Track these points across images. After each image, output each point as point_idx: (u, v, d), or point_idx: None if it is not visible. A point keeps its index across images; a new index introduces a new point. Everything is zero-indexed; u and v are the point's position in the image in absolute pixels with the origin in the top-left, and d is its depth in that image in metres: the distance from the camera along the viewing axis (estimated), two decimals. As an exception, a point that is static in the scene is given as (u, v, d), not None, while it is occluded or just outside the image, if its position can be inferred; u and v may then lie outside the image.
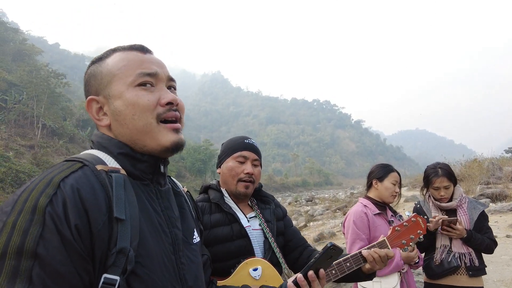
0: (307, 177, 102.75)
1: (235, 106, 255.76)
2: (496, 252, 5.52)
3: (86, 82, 0.86)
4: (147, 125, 0.80)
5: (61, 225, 0.63)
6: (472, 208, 2.43)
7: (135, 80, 0.81)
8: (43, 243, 0.61)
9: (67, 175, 0.68)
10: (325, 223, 14.03)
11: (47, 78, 42.56)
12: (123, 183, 0.74)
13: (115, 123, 0.81)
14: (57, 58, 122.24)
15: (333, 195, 35.28)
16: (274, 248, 1.50)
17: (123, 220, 0.70)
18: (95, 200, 0.68)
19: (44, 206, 0.63)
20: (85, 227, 0.65)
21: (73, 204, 0.65)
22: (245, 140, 1.60)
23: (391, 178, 2.29)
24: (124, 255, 0.67)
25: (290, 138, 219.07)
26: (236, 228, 1.48)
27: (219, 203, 1.53)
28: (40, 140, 38.90)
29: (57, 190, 0.65)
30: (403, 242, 1.55)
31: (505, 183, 12.65)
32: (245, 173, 1.53)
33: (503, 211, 9.33)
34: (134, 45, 0.87)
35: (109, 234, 0.68)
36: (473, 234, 2.33)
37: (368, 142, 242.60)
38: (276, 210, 1.68)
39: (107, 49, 0.88)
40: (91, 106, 0.84)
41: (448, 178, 2.39)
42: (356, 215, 2.24)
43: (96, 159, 0.77)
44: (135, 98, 0.80)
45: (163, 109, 0.82)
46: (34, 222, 0.61)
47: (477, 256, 2.35)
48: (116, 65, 0.83)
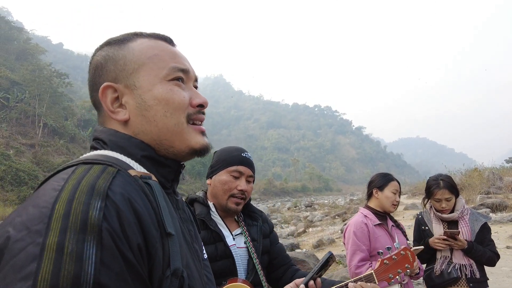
0: (307, 182, 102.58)
1: (236, 109, 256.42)
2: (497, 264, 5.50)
3: (100, 65, 0.71)
4: (178, 125, 0.70)
5: (123, 246, 0.50)
6: (474, 220, 2.42)
7: (169, 74, 0.71)
8: (105, 270, 0.47)
9: (110, 181, 0.54)
10: (324, 229, 13.98)
11: (49, 77, 42.72)
12: (162, 192, 0.62)
13: (140, 118, 0.68)
14: (60, 58, 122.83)
15: (333, 201, 35.24)
16: (257, 269, 1.46)
17: (173, 235, 0.58)
18: (147, 213, 0.56)
19: (99, 221, 0.48)
20: (144, 246, 0.53)
21: (130, 218, 0.52)
22: (242, 154, 1.53)
23: (391, 187, 2.29)
24: (177, 278, 0.56)
25: (290, 143, 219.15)
26: (221, 247, 1.42)
27: (205, 220, 1.46)
28: (41, 139, 38.96)
29: (106, 201, 0.51)
30: (390, 276, 1.52)
31: (506, 194, 12.64)
32: (239, 190, 1.47)
33: (503, 221, 9.29)
34: (159, 34, 0.76)
35: (162, 254, 0.56)
36: (474, 245, 2.32)
37: (368, 148, 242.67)
38: (263, 226, 1.63)
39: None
40: (106, 94, 0.69)
41: (450, 190, 2.39)
42: (356, 226, 2.23)
43: (121, 162, 0.63)
44: (170, 94, 0.69)
45: (193, 110, 0.73)
46: (88, 242, 0.47)
47: (478, 268, 2.33)
48: (146, 52, 0.71)
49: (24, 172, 27.64)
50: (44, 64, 45.33)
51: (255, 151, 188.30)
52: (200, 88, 0.74)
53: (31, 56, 51.69)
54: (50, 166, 32.56)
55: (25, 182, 26.97)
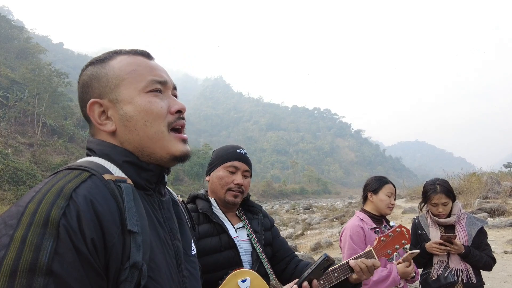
0: (306, 185, 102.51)
1: (236, 111, 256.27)
2: (494, 268, 5.49)
3: (86, 83, 0.80)
4: (158, 133, 0.78)
5: (77, 239, 0.58)
6: (471, 224, 2.43)
7: (147, 86, 0.79)
8: (58, 259, 0.56)
9: (78, 185, 0.64)
10: (322, 232, 13.97)
11: (49, 77, 42.69)
12: (132, 193, 0.71)
13: (123, 128, 0.77)
14: (60, 57, 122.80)
15: (331, 204, 35.24)
16: (262, 259, 1.50)
17: (136, 232, 0.66)
18: (109, 212, 0.64)
19: (58, 218, 0.58)
20: (100, 241, 0.62)
21: (87, 216, 0.61)
22: (237, 150, 1.60)
23: (385, 190, 2.30)
24: (137, 270, 0.64)
25: (289, 145, 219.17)
26: (225, 239, 1.47)
27: (207, 213, 1.51)
28: (39, 138, 38.90)
29: (69, 202, 0.60)
30: (388, 252, 1.62)
31: (504, 198, 12.65)
32: (235, 184, 1.53)
33: (501, 226, 9.30)
34: (137, 50, 0.84)
35: (122, 248, 0.64)
36: (471, 250, 2.32)
37: (367, 152, 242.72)
38: (264, 220, 1.68)
39: (109, 50, 0.85)
40: (93, 109, 0.78)
41: (447, 195, 2.39)
42: (352, 230, 2.24)
43: (101, 167, 0.72)
44: (149, 105, 0.77)
45: (173, 117, 0.80)
46: (47, 236, 0.56)
47: (475, 273, 2.34)
48: (125, 68, 0.79)
49: (22, 172, 27.55)
50: (44, 64, 45.33)
51: (254, 153, 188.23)
52: (200, 89, 0.77)
53: (31, 55, 51.71)
54: (49, 166, 32.48)
55: (23, 182, 26.89)
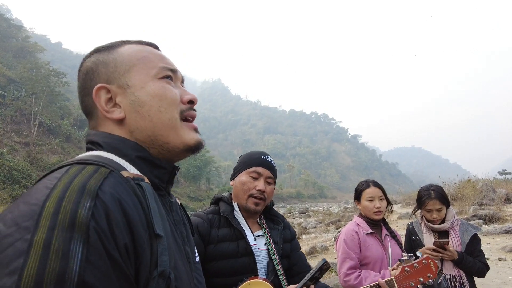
0: (302, 189, 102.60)
1: (233, 114, 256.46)
2: (488, 275, 5.50)
3: (91, 69, 0.73)
4: (172, 120, 0.72)
5: (109, 244, 0.51)
6: (464, 230, 2.43)
7: (159, 73, 0.74)
8: (90, 267, 0.48)
9: (101, 182, 0.55)
10: (318, 237, 13.96)
11: (47, 76, 42.63)
12: (153, 193, 0.64)
13: (135, 115, 0.70)
14: (58, 57, 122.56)
15: (327, 209, 35.17)
16: (278, 270, 1.48)
17: (162, 237, 0.59)
18: (137, 213, 0.57)
19: (87, 220, 0.49)
20: (131, 246, 0.54)
21: (118, 218, 0.53)
22: (262, 156, 1.59)
23: (365, 196, 2.27)
24: (164, 279, 0.57)
25: (286, 149, 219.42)
26: (242, 245, 1.46)
27: (228, 217, 1.51)
28: (35, 138, 38.70)
29: (96, 201, 0.52)
30: (411, 283, 1.53)
31: (498, 205, 12.71)
32: (257, 190, 1.51)
33: (495, 233, 9.33)
34: (145, 41, 0.81)
35: (150, 254, 0.57)
36: (464, 256, 2.32)
37: (364, 157, 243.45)
38: (285, 231, 1.65)
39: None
40: (100, 95, 0.71)
41: (441, 201, 2.39)
42: (347, 234, 2.24)
43: (114, 163, 0.64)
44: (163, 90, 0.72)
45: (185, 106, 0.76)
46: (76, 240, 0.48)
47: (468, 279, 2.33)
48: (135, 55, 0.74)
49: (17, 171, 27.39)
50: (42, 63, 45.28)
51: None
52: (198, 92, 0.75)
53: (29, 54, 51.60)
54: (44, 165, 32.30)
55: (17, 181, 26.72)
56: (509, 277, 5.63)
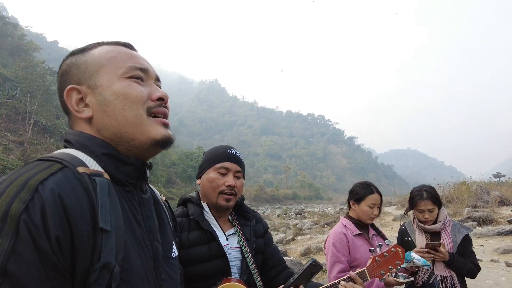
0: (298, 190, 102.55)
1: (230, 115, 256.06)
2: (481, 277, 5.55)
3: (65, 72, 0.78)
4: (137, 117, 0.74)
5: (39, 236, 0.53)
6: (456, 231, 2.43)
7: (126, 72, 0.76)
8: (15, 258, 0.50)
9: (46, 177, 0.58)
10: (313, 238, 13.96)
11: (42, 75, 42.32)
12: (108, 189, 0.65)
13: (101, 114, 0.74)
14: (55, 56, 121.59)
15: (323, 210, 35.21)
16: (251, 269, 1.45)
17: (108, 231, 0.61)
18: (79, 208, 0.59)
19: (18, 213, 0.52)
20: (66, 238, 0.56)
21: (53, 211, 0.55)
22: (227, 151, 1.53)
23: (368, 201, 2.24)
24: (108, 271, 0.59)
25: (283, 150, 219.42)
26: (214, 247, 1.42)
27: (198, 220, 1.45)
28: (30, 137, 38.41)
29: (34, 195, 0.55)
30: (381, 272, 1.59)
31: (492, 208, 12.80)
32: (227, 186, 1.46)
33: (489, 235, 9.40)
34: (120, 41, 0.83)
35: (92, 247, 0.59)
36: (455, 257, 2.33)
37: (359, 158, 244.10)
38: (257, 226, 1.62)
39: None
40: (71, 96, 0.75)
41: (433, 201, 2.39)
42: (335, 237, 2.21)
43: (76, 159, 0.67)
44: (127, 89, 0.74)
45: (153, 103, 0.77)
46: (5, 232, 0.51)
47: (459, 280, 2.34)
48: (104, 55, 0.77)
49: (11, 170, 27.09)
50: (37, 61, 44.93)
51: (247, 157, 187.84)
52: (195, 92, 0.76)
53: (25, 52, 51.17)
54: (39, 165, 32.05)
55: (12, 180, 26.50)
56: (501, 278, 5.67)
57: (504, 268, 6.27)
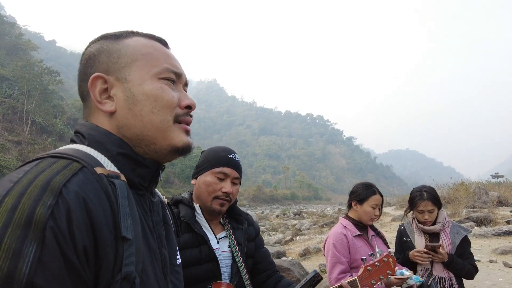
0: (297, 190, 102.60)
1: (229, 114, 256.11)
2: (479, 277, 5.53)
3: (93, 55, 0.71)
4: (164, 122, 0.69)
5: (66, 246, 0.48)
6: (455, 232, 2.42)
7: (161, 73, 0.71)
8: (42, 269, 0.45)
9: (68, 178, 0.52)
10: (312, 238, 13.95)
11: (40, 74, 42.25)
12: (127, 193, 0.60)
13: (126, 111, 0.68)
14: (52, 55, 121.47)
15: (321, 210, 35.25)
16: (242, 273, 1.44)
17: (130, 240, 0.56)
18: (103, 214, 0.54)
19: (45, 219, 0.46)
20: (92, 248, 0.51)
21: (79, 218, 0.50)
22: (228, 155, 1.49)
23: (371, 202, 2.22)
24: (129, 283, 0.54)
25: (282, 150, 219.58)
26: (205, 251, 1.40)
27: (189, 222, 1.43)
28: (28, 136, 38.29)
29: (58, 199, 0.49)
30: (372, 282, 1.59)
31: (491, 208, 12.83)
32: (223, 192, 1.44)
33: (487, 235, 9.40)
34: (155, 36, 0.77)
35: (114, 257, 0.54)
36: (454, 258, 2.31)
37: (358, 159, 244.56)
38: (249, 229, 1.60)
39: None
40: (95, 84, 0.68)
41: (433, 202, 2.38)
42: (335, 238, 2.19)
43: (91, 158, 0.60)
44: (160, 91, 0.69)
45: (182, 111, 0.73)
46: (29, 240, 0.45)
47: (457, 281, 2.33)
48: (140, 49, 0.71)
49: (8, 170, 27.03)
50: (35, 61, 44.81)
51: (246, 157, 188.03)
52: (194, 92, 0.74)
53: (23, 52, 50.99)
54: (36, 164, 31.95)
55: (9, 180, 26.40)
56: (499, 279, 5.66)
57: (502, 269, 6.27)
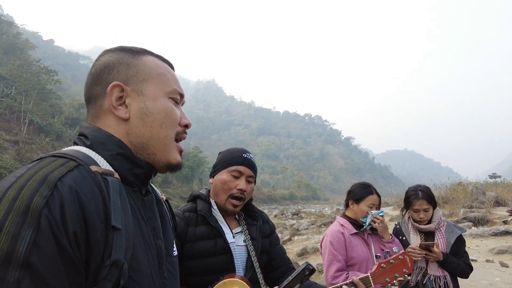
0: (295, 190, 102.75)
1: (227, 115, 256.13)
2: (476, 277, 5.54)
3: (113, 64, 0.79)
4: (168, 137, 0.80)
5: (59, 232, 0.55)
6: (450, 231, 2.43)
7: (171, 93, 0.82)
8: (36, 250, 0.53)
9: (64, 174, 0.60)
10: (310, 238, 13.96)
11: (38, 73, 42.04)
12: (119, 188, 0.68)
13: (138, 120, 0.77)
14: (50, 55, 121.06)
15: (319, 210, 35.29)
16: (256, 268, 1.47)
17: (119, 229, 0.63)
18: (94, 205, 0.61)
19: (40, 207, 0.55)
20: (83, 235, 0.58)
21: (72, 208, 0.57)
22: (243, 154, 1.56)
23: (367, 201, 2.23)
24: (117, 268, 0.61)
25: (280, 150, 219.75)
26: (220, 243, 1.44)
27: (205, 216, 1.48)
28: (25, 136, 38.13)
29: (53, 191, 0.57)
30: (387, 280, 1.53)
31: (488, 208, 12.87)
32: (238, 189, 1.49)
33: (484, 235, 9.42)
34: (165, 58, 0.88)
35: (104, 245, 0.61)
36: (449, 257, 2.32)
37: (356, 159, 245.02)
38: (263, 226, 1.64)
39: (103, 49, 0.84)
40: (113, 91, 0.77)
41: (428, 201, 2.40)
42: (333, 236, 2.20)
43: (88, 158, 0.69)
44: (170, 109, 0.80)
45: (181, 129, 0.83)
46: (26, 225, 0.53)
47: (452, 280, 2.34)
48: (156, 69, 0.82)
49: (5, 169, 26.91)
50: (33, 60, 44.60)
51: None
52: (192, 92, 0.81)
53: (20, 51, 50.74)
54: (34, 164, 31.82)
55: (6, 179, 26.28)
56: (496, 278, 5.67)
57: (499, 268, 6.28)
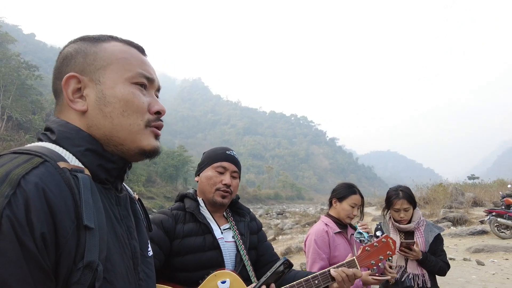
0: (280, 190, 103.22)
1: (213, 114, 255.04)
2: (453, 274, 5.69)
3: (70, 55, 0.74)
4: (133, 125, 0.72)
5: (23, 234, 0.50)
6: (429, 231, 2.50)
7: (133, 77, 0.74)
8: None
9: (28, 171, 0.54)
10: (294, 238, 14.06)
11: (17, 68, 40.78)
12: (90, 185, 0.63)
13: (97, 111, 0.71)
14: (31, 49, 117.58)
15: (304, 210, 35.56)
16: (245, 262, 1.49)
17: (92, 229, 0.58)
18: (63, 204, 0.56)
19: (1, 208, 0.49)
20: (51, 236, 0.53)
21: (38, 207, 0.52)
22: (226, 152, 1.61)
23: (350, 201, 2.27)
24: (91, 270, 0.56)
25: (266, 150, 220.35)
26: (209, 239, 1.46)
27: (193, 213, 1.51)
28: (3, 132, 36.93)
29: (16, 189, 0.51)
30: (372, 262, 1.58)
31: (466, 208, 13.30)
32: (223, 184, 1.53)
33: (462, 235, 9.72)
34: (133, 42, 0.81)
35: (76, 245, 0.56)
36: (428, 256, 2.39)
37: (341, 159, 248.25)
38: (251, 223, 1.67)
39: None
40: (69, 83, 0.71)
41: (408, 201, 2.46)
42: (317, 234, 2.23)
43: (55, 154, 0.63)
44: (131, 96, 0.73)
45: (152, 117, 0.76)
46: None
47: (430, 278, 2.41)
48: (116, 54, 0.75)
49: (-18, 167, 26.03)
50: (12, 54, 43.19)
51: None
52: (177, 90, 0.76)
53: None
54: (12, 162, 30.85)
55: (-18, 177, 25.40)
56: (472, 276, 5.85)
57: (475, 267, 6.49)
